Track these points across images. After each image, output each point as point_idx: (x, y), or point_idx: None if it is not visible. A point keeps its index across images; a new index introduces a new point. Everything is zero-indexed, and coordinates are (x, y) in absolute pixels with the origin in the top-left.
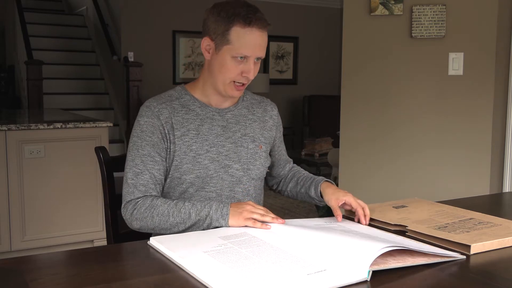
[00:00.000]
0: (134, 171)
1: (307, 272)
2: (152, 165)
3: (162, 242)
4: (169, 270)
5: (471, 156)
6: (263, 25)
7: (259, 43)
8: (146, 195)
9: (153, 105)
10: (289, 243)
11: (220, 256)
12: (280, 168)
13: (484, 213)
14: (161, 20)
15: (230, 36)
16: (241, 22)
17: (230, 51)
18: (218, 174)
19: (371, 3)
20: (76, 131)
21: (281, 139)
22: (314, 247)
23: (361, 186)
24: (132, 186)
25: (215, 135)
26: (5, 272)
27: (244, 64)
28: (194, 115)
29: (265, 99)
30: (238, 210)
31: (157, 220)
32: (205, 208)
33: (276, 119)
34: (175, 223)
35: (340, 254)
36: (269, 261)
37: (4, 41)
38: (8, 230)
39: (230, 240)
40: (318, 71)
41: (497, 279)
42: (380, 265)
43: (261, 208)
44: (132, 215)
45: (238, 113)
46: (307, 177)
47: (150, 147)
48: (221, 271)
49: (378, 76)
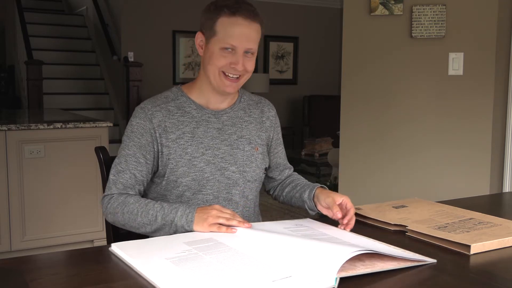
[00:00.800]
0: (117, 169)
1: (272, 279)
2: (135, 166)
3: (124, 248)
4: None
5: (471, 156)
6: (249, 16)
7: (246, 33)
8: (122, 193)
9: (148, 107)
10: (255, 248)
11: (183, 263)
12: (277, 172)
13: (484, 213)
14: (161, 20)
15: (216, 27)
16: (226, 12)
17: (217, 43)
18: (214, 177)
19: (371, 3)
20: (76, 131)
21: (279, 141)
22: (281, 253)
23: (361, 186)
24: (111, 182)
25: (211, 138)
26: (5, 272)
27: (232, 55)
28: (190, 117)
29: (263, 100)
30: (203, 216)
31: (126, 217)
32: (171, 213)
33: (273, 120)
34: (142, 223)
35: (306, 260)
36: (233, 268)
37: (4, 41)
38: (8, 230)
39: (195, 245)
40: (318, 71)
41: (497, 279)
42: (349, 271)
43: (227, 211)
44: (107, 209)
45: (234, 115)
46: (305, 183)
47: (137, 148)
48: (182, 279)
49: (378, 76)
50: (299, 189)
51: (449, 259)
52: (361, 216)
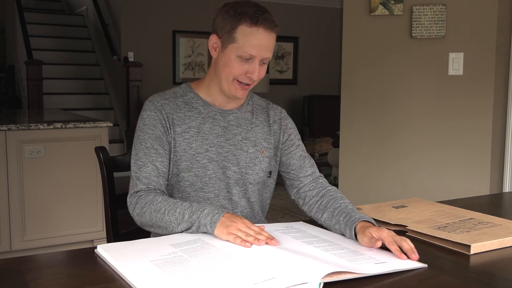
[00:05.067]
0: (137, 165)
1: (254, 282)
2: (156, 157)
3: (108, 250)
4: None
5: (471, 156)
6: (270, 26)
7: (265, 44)
8: (149, 187)
9: (156, 99)
10: (242, 250)
11: (166, 266)
12: (301, 173)
13: (484, 213)
14: (161, 20)
15: (236, 34)
16: (248, 21)
17: (235, 50)
18: (216, 175)
19: (371, 3)
20: (76, 131)
21: (293, 142)
22: (266, 255)
23: (361, 186)
24: (135, 179)
25: (216, 135)
26: (5, 272)
27: (249, 64)
28: (197, 113)
29: (271, 104)
30: (227, 223)
31: (154, 216)
32: (198, 210)
33: (282, 123)
34: (170, 221)
35: (291, 265)
36: (217, 271)
37: (4, 41)
38: (8, 230)
39: (181, 247)
40: (318, 71)
41: (497, 279)
42: (333, 276)
43: (253, 229)
44: (134, 210)
45: (241, 116)
46: (342, 211)
47: (153, 140)
48: (163, 283)
49: (378, 76)
50: (336, 223)
51: (449, 259)
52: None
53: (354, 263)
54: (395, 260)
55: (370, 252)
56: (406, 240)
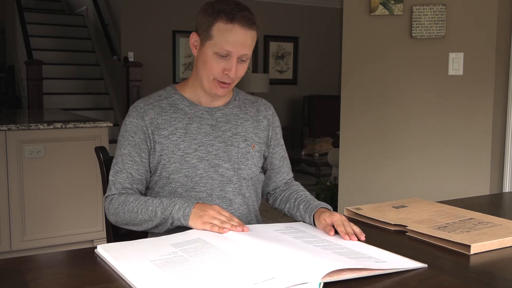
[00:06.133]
0: (115, 169)
1: (254, 282)
2: (131, 165)
3: (109, 250)
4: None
5: (471, 156)
6: (247, 23)
7: (241, 40)
8: (121, 192)
9: (140, 105)
10: (242, 250)
11: (166, 266)
12: (278, 175)
13: (484, 213)
14: (161, 20)
15: (212, 31)
16: (224, 18)
17: (212, 47)
18: (207, 174)
19: (371, 3)
20: (76, 131)
21: (277, 142)
22: (266, 255)
23: (361, 186)
24: (111, 183)
25: (204, 134)
26: (5, 272)
27: (226, 61)
28: (182, 114)
29: (260, 99)
30: (200, 213)
31: (127, 216)
32: (169, 206)
33: (271, 119)
34: (143, 220)
35: (291, 265)
36: (217, 271)
37: (4, 41)
38: (8, 230)
39: (181, 247)
40: (318, 71)
41: (497, 279)
42: (334, 276)
43: (225, 214)
44: (109, 210)
45: (228, 112)
46: (303, 199)
47: (131, 147)
48: (163, 283)
49: (378, 76)
50: (297, 211)
51: (449, 259)
52: (361, 216)
53: (355, 260)
54: (395, 260)
55: (370, 251)
56: (355, 225)
